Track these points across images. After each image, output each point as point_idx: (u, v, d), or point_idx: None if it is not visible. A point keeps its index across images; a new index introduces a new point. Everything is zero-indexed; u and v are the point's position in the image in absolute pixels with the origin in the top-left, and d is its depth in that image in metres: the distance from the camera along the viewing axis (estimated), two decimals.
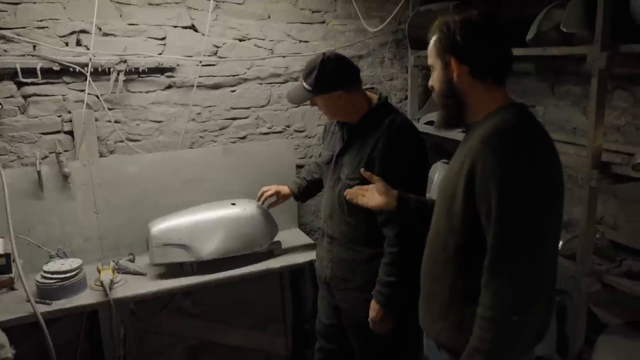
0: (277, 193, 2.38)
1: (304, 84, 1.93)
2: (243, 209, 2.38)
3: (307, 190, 2.40)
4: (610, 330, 2.09)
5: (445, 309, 1.36)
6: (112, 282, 2.13)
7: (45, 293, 2.08)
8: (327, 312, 2.24)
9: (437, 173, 2.81)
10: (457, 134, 2.54)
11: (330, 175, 2.04)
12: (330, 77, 1.88)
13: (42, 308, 2.02)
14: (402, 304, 1.82)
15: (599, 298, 2.43)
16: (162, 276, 2.30)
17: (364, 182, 1.83)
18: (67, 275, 2.11)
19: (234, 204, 2.42)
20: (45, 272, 2.11)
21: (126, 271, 2.32)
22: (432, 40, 1.35)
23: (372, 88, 2.71)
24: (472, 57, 1.29)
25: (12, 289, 2.17)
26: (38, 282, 2.10)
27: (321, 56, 1.90)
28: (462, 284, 1.32)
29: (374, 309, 1.91)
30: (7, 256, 2.14)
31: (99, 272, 2.19)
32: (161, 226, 2.28)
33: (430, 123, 2.84)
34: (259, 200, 2.41)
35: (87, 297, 2.12)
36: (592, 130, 1.87)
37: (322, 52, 1.93)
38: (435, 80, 1.37)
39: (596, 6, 1.81)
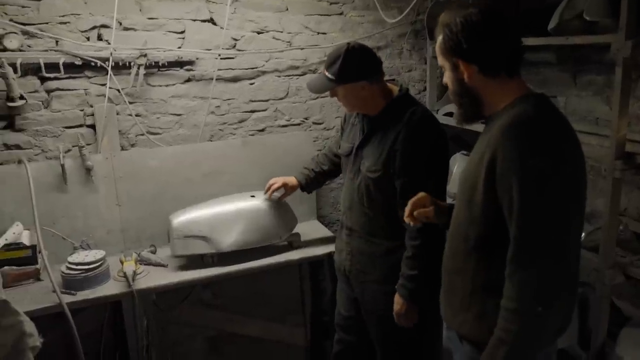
0: (285, 185, 2.37)
1: (327, 74, 1.91)
2: (262, 201, 2.40)
3: (314, 181, 2.39)
4: (633, 323, 2.07)
5: (468, 301, 1.35)
6: (134, 273, 2.17)
7: (70, 284, 2.13)
8: (345, 305, 2.25)
9: (457, 164, 2.79)
10: (477, 126, 2.51)
11: (350, 167, 2.04)
12: (355, 67, 1.88)
13: (67, 298, 2.06)
14: (425, 297, 1.83)
15: (622, 290, 2.40)
16: (183, 267, 2.34)
17: (386, 174, 1.84)
18: (92, 266, 2.15)
19: (253, 196, 2.44)
20: (70, 263, 2.16)
21: (148, 262, 2.35)
22: (438, 41, 1.35)
23: (393, 80, 2.68)
24: (479, 56, 1.29)
25: (38, 279, 2.22)
26: (63, 273, 2.15)
27: (345, 46, 1.89)
28: (483, 275, 1.31)
29: (398, 302, 1.91)
30: (33, 248, 2.18)
31: (122, 263, 2.23)
32: (182, 218, 2.30)
33: (449, 114, 2.82)
34: (266, 193, 2.40)
35: (110, 288, 2.16)
36: (616, 120, 1.84)
37: (347, 42, 1.92)
38: (447, 79, 1.38)
39: None
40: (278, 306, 2.83)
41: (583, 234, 2.10)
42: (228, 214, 2.35)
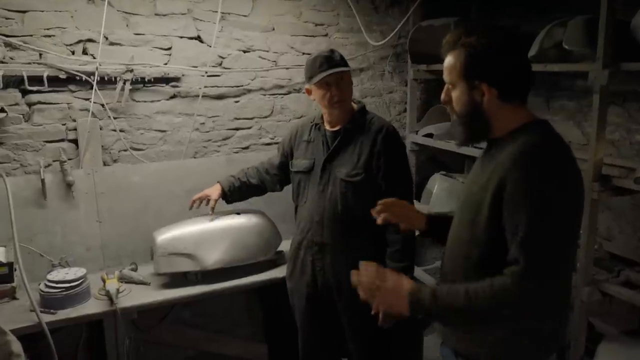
0: (205, 196, 2.32)
1: (342, 68, 1.98)
2: (247, 219, 2.40)
3: (237, 191, 2.34)
4: (609, 339, 2.15)
5: None
6: (118, 292, 2.12)
7: (49, 302, 2.06)
8: (317, 335, 2.23)
9: (437, 185, 2.86)
10: (452, 145, 2.59)
11: (317, 180, 2.08)
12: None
13: (47, 317, 2.00)
14: None
15: (595, 308, 2.49)
16: (166, 286, 2.30)
17: (368, 176, 1.99)
18: (73, 284, 2.09)
19: (238, 213, 2.43)
20: (49, 281, 2.09)
21: (130, 281, 2.30)
22: (454, 58, 1.30)
23: None
24: (502, 81, 1.27)
25: (14, 298, 2.14)
26: (42, 291, 2.08)
27: (326, 49, 2.06)
28: None
29: None
30: (9, 265, 2.11)
31: (104, 281, 2.17)
32: (167, 235, 2.28)
33: (429, 135, 2.89)
34: (190, 209, 2.35)
35: (92, 307, 2.11)
36: (594, 144, 1.94)
37: (321, 49, 2.09)
38: (457, 99, 1.33)
39: (597, 25, 1.88)
40: (259, 325, 2.81)
41: None
42: (213, 231, 2.33)
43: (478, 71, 1.27)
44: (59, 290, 2.07)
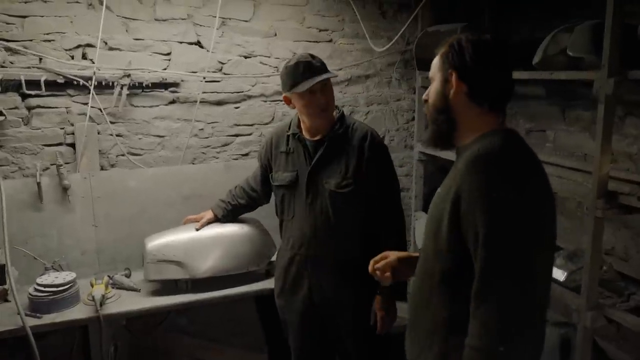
0: (199, 219, 2.33)
1: (323, 75, 1.90)
2: (240, 228, 2.35)
3: (230, 214, 2.33)
4: None
5: (431, 339, 1.30)
6: (104, 297, 2.11)
7: (36, 306, 2.06)
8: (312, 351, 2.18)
9: None
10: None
11: (304, 193, 2.00)
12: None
13: (31, 321, 1.99)
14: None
15: (608, 333, 2.33)
16: (157, 293, 2.27)
17: (358, 186, 1.92)
18: (60, 288, 2.09)
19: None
20: (38, 284, 2.10)
21: (120, 286, 2.29)
22: (439, 54, 1.31)
23: None
24: (474, 80, 1.25)
25: (6, 300, 2.15)
26: (30, 294, 2.08)
27: (304, 54, 1.96)
28: (446, 312, 1.27)
29: (381, 308, 1.90)
30: (1, 267, 2.13)
31: (92, 286, 2.17)
32: (157, 242, 2.25)
33: None
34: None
35: (78, 312, 2.10)
36: (598, 157, 1.80)
37: (299, 55, 1.96)
38: (431, 93, 1.33)
39: (604, 32, 1.75)
40: (256, 335, 2.76)
41: (565, 274, 2.05)
42: (204, 239, 2.29)
43: (452, 61, 1.26)
44: (47, 294, 2.07)
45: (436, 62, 1.32)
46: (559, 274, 2.06)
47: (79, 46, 2.37)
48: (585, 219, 2.36)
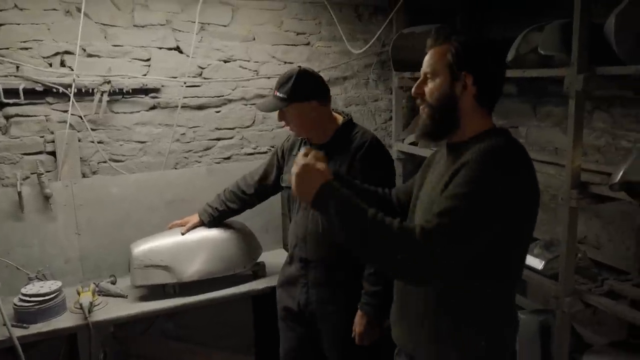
0: (184, 223, 2.34)
1: (278, 94, 1.92)
2: (225, 231, 2.37)
3: (216, 220, 2.34)
4: (593, 351, 2.09)
5: (421, 321, 1.34)
6: (91, 305, 2.10)
7: (23, 316, 2.04)
8: (293, 345, 2.19)
9: None
10: None
11: None
12: (307, 87, 1.91)
13: (18, 332, 1.98)
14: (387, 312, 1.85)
15: (584, 318, 2.43)
16: (144, 298, 2.27)
17: None
18: (46, 298, 2.07)
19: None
20: (23, 295, 2.07)
21: (107, 293, 2.28)
22: (443, 49, 1.28)
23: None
24: (487, 82, 1.27)
25: None
26: (15, 305, 2.06)
27: (297, 68, 1.94)
28: (436, 293, 1.31)
29: (360, 323, 1.89)
30: None
31: (79, 294, 2.16)
32: (143, 247, 2.25)
33: (414, 144, 2.86)
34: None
35: (66, 320, 2.09)
36: (571, 150, 1.89)
37: (298, 65, 1.97)
38: (433, 91, 1.29)
39: (572, 30, 1.84)
40: (243, 336, 2.77)
41: (543, 262, 2.13)
42: (190, 242, 2.30)
43: (469, 63, 1.25)
44: (33, 304, 2.05)
45: (439, 57, 1.28)
46: (536, 263, 2.14)
47: (57, 53, 2.35)
48: (560, 210, 2.46)
